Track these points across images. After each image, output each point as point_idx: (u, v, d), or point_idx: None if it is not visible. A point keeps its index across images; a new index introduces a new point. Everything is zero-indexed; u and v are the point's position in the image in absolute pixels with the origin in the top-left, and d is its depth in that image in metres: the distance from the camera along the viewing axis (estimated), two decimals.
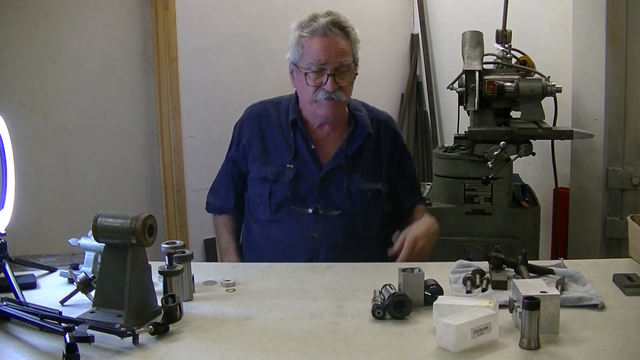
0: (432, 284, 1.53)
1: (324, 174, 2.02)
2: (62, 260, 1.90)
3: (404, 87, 4.41)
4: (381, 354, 1.26)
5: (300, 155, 2.04)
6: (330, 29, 1.92)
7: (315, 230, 2.00)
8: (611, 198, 2.91)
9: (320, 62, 1.92)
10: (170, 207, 3.16)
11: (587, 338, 1.29)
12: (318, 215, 2.00)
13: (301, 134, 2.05)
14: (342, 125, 2.08)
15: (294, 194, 2.01)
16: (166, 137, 3.12)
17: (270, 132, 2.09)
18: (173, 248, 1.58)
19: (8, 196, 1.66)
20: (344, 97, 1.97)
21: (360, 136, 2.06)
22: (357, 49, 2.00)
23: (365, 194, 2.04)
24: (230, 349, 1.29)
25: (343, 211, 2.01)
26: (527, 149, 2.44)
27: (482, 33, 2.70)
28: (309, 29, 1.94)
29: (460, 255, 1.89)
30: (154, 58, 3.06)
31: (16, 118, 2.12)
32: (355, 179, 2.03)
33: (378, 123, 2.12)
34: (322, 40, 1.93)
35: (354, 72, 1.99)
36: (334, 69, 1.93)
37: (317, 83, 1.95)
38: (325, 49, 1.92)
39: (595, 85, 2.90)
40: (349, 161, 2.04)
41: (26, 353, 1.29)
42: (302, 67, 1.96)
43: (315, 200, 2.01)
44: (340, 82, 1.95)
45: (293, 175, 2.02)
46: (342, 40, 1.95)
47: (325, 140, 2.07)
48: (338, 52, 1.93)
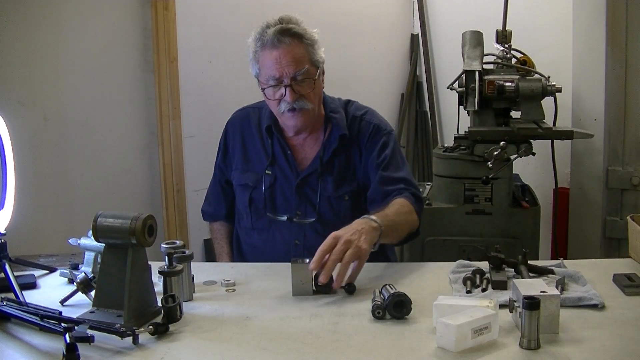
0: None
1: (301, 180, 1.99)
2: (62, 260, 1.90)
3: (404, 87, 4.41)
4: (381, 354, 1.25)
5: (277, 161, 2.01)
6: (279, 39, 1.85)
7: (296, 238, 1.98)
8: (611, 198, 2.91)
9: (275, 76, 1.87)
10: (170, 207, 3.16)
11: (587, 338, 1.29)
12: (292, 223, 1.96)
13: (277, 140, 2.01)
14: (317, 130, 2.02)
15: (272, 201, 2.00)
16: (166, 137, 3.12)
17: (250, 138, 2.06)
18: (173, 248, 1.58)
19: (8, 196, 1.66)
20: (308, 105, 1.90)
21: (336, 139, 1.99)
22: (314, 52, 1.91)
23: (341, 198, 1.98)
24: (230, 349, 1.29)
25: (320, 217, 1.96)
26: (527, 149, 2.44)
27: (482, 33, 2.70)
28: (260, 42, 1.88)
29: (460, 255, 1.89)
30: (154, 58, 3.06)
31: (16, 118, 2.13)
32: (330, 183, 1.98)
33: (353, 119, 2.03)
34: (273, 53, 1.86)
35: (313, 78, 1.90)
36: (291, 79, 1.86)
37: (277, 96, 1.90)
38: (277, 62, 1.85)
39: (595, 85, 2.90)
40: (323, 166, 1.98)
41: (26, 353, 1.29)
42: (262, 81, 1.92)
43: (293, 207, 1.98)
44: (300, 91, 1.88)
45: (270, 182, 2.00)
46: (294, 47, 1.86)
47: (301, 146, 2.03)
48: (291, 62, 1.85)
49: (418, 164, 4.33)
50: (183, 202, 3.21)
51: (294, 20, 1.91)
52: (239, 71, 3.44)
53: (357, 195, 2.00)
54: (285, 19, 1.90)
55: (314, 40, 1.92)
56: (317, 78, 1.92)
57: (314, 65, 1.91)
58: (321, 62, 1.94)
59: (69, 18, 2.81)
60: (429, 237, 2.57)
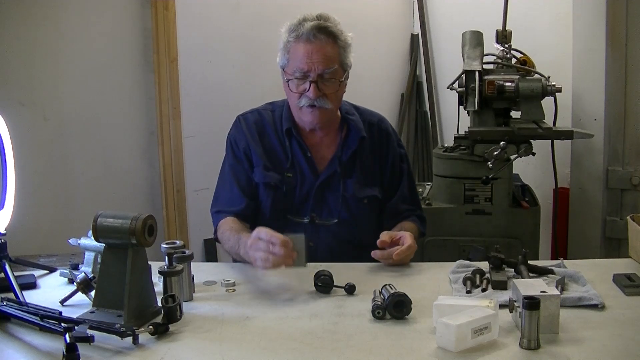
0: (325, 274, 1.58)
1: (321, 182, 1.99)
2: (62, 260, 1.90)
3: (404, 87, 4.41)
4: (381, 354, 1.26)
5: (296, 163, 2.01)
6: (315, 34, 1.86)
7: (311, 239, 1.95)
8: (611, 198, 2.92)
9: (303, 70, 1.87)
10: (170, 207, 3.16)
11: (587, 338, 1.29)
12: (314, 224, 1.97)
13: (297, 142, 2.01)
14: (334, 131, 2.04)
15: (291, 203, 1.99)
16: (166, 137, 3.12)
17: (268, 138, 2.05)
18: (173, 248, 1.58)
19: (8, 196, 1.66)
20: (328, 105, 1.91)
21: (355, 141, 2.01)
22: (346, 55, 1.93)
23: (361, 201, 2.00)
24: (230, 349, 1.29)
25: (339, 219, 1.97)
26: (527, 149, 2.44)
27: (482, 33, 2.70)
28: (295, 34, 1.89)
29: (460, 255, 1.89)
30: (154, 58, 3.06)
31: (16, 118, 2.12)
32: (351, 185, 1.99)
33: (370, 125, 2.07)
34: (306, 47, 1.86)
35: (339, 80, 1.91)
36: (317, 76, 1.87)
37: (300, 90, 1.90)
38: (308, 56, 1.86)
39: (595, 85, 2.90)
40: (344, 167, 2.00)
41: (26, 353, 1.29)
42: (288, 72, 1.93)
43: (311, 208, 1.98)
44: (324, 89, 1.89)
45: (290, 184, 1.99)
46: (328, 46, 1.88)
47: (319, 145, 2.04)
48: (321, 59, 1.86)
49: (418, 164, 4.33)
50: (183, 202, 3.21)
51: (332, 20, 1.92)
52: (239, 71, 3.46)
53: (375, 199, 2.03)
54: (324, 16, 1.91)
55: (347, 43, 1.93)
56: (343, 80, 1.94)
57: (342, 67, 1.93)
58: (349, 67, 1.96)
59: (69, 18, 2.81)
60: (429, 237, 2.57)
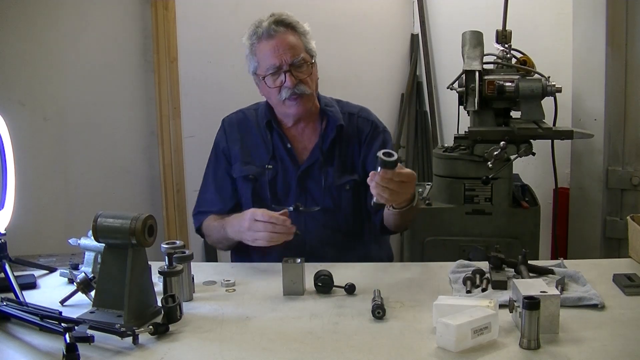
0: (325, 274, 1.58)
1: (302, 172, 2.05)
2: (62, 260, 1.90)
3: (404, 87, 4.41)
4: (381, 354, 1.26)
5: (278, 155, 2.07)
6: (274, 28, 1.95)
7: (297, 228, 2.00)
8: (611, 198, 2.91)
9: (275, 64, 1.94)
10: (170, 207, 3.16)
11: (587, 338, 1.29)
12: (299, 213, 2.01)
13: (277, 134, 2.08)
14: (314, 121, 2.10)
15: (274, 193, 2.04)
16: (166, 137, 3.12)
17: (249, 136, 2.12)
18: (173, 248, 1.58)
19: (8, 196, 1.66)
20: (307, 90, 1.98)
21: (333, 129, 2.07)
22: (308, 41, 2.01)
23: (342, 188, 2.05)
24: (230, 349, 1.29)
25: (323, 206, 2.03)
26: (527, 149, 2.43)
27: (482, 33, 2.70)
28: (256, 35, 1.98)
29: (460, 255, 1.89)
30: (154, 58, 3.06)
31: (16, 118, 2.12)
32: (331, 173, 2.05)
33: (350, 115, 2.12)
34: (270, 42, 1.95)
35: (310, 64, 1.99)
36: (289, 66, 1.94)
37: (278, 83, 1.97)
38: (274, 50, 1.94)
39: (595, 85, 2.90)
40: (325, 156, 2.06)
41: (26, 353, 1.29)
42: (261, 73, 2.00)
43: (295, 197, 2.04)
44: (299, 76, 1.96)
45: (272, 175, 2.05)
46: (290, 35, 1.96)
47: (301, 137, 2.10)
48: (288, 49, 1.94)
49: (418, 164, 4.32)
50: (183, 202, 3.21)
51: (287, 14, 2.00)
52: (239, 71, 3.42)
53: (358, 186, 2.06)
54: (277, 13, 2.00)
55: (306, 30, 2.02)
56: (314, 63, 2.01)
57: (308, 53, 2.00)
58: (314, 53, 2.03)
59: (69, 18, 2.81)
60: (429, 237, 2.57)
